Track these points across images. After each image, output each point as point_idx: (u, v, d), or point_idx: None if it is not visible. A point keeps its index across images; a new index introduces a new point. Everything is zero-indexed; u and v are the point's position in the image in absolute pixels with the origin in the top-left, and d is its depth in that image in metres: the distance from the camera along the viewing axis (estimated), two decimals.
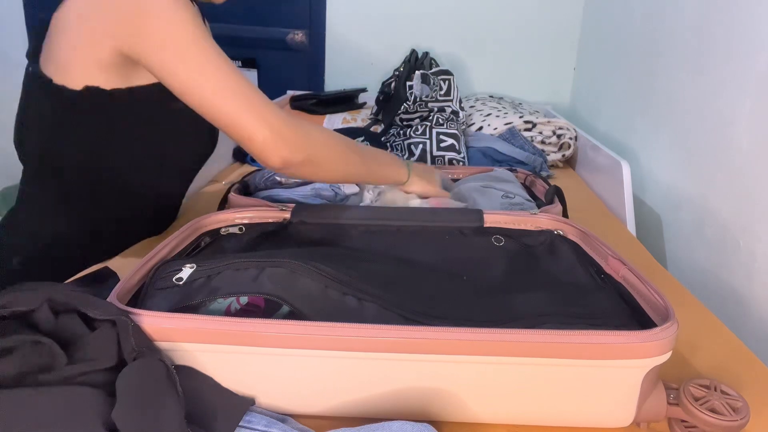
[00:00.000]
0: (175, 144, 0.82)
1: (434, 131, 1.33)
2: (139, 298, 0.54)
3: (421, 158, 1.30)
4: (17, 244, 0.82)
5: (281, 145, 0.69)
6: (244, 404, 0.48)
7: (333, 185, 0.89)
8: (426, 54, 1.76)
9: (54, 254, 0.81)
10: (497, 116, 1.54)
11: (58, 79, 0.72)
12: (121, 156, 0.78)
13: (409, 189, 0.88)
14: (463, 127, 1.47)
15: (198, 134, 0.85)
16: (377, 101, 1.63)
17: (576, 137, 1.50)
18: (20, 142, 0.80)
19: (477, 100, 1.76)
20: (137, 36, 0.67)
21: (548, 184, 0.92)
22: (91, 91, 0.72)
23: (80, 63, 0.71)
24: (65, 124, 0.75)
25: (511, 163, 1.34)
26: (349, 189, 0.90)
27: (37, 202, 0.82)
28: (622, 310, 0.56)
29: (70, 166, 0.78)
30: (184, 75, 0.67)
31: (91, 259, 0.75)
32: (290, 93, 1.90)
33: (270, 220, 0.74)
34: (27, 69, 0.77)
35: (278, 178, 0.92)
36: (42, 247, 0.81)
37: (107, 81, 0.72)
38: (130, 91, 0.74)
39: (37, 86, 0.75)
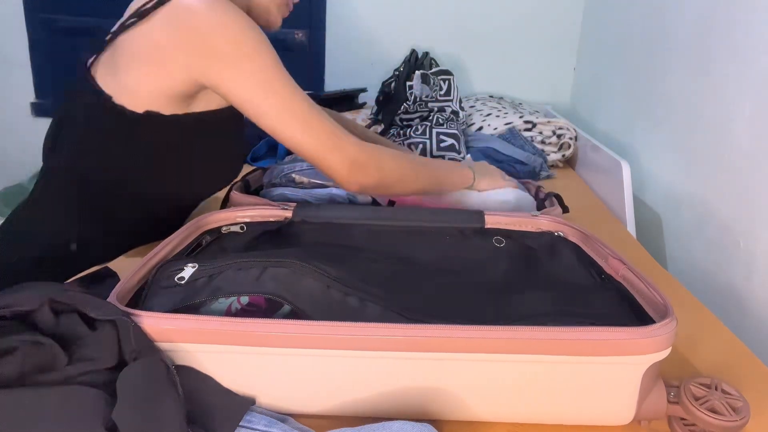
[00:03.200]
0: (206, 169, 0.84)
1: (434, 131, 1.33)
2: (141, 297, 0.54)
3: None
4: (24, 243, 0.82)
5: (358, 173, 0.76)
6: (244, 404, 0.48)
7: (349, 193, 0.90)
8: (426, 54, 1.76)
9: (61, 256, 0.81)
10: (497, 116, 1.54)
11: (119, 98, 0.73)
12: (151, 175, 0.79)
13: (479, 188, 0.91)
14: (463, 127, 1.48)
15: (229, 161, 0.87)
16: (377, 101, 1.63)
17: (576, 137, 1.50)
18: (53, 144, 0.81)
19: (477, 100, 1.76)
20: (221, 73, 0.70)
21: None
22: (150, 116, 0.73)
23: (148, 88, 0.72)
24: (111, 141, 0.76)
25: (511, 163, 1.34)
26: (364, 198, 0.90)
27: (53, 206, 0.82)
28: (622, 311, 0.56)
29: (96, 179, 0.78)
30: (272, 113, 0.72)
31: (98, 262, 0.75)
32: None
33: (271, 219, 0.74)
34: (80, 76, 0.77)
35: (294, 176, 0.92)
36: (50, 248, 0.81)
37: (169, 107, 0.73)
38: (186, 117, 0.75)
39: (90, 99, 0.75)
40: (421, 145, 1.31)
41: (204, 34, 0.68)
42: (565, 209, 0.85)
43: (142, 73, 0.72)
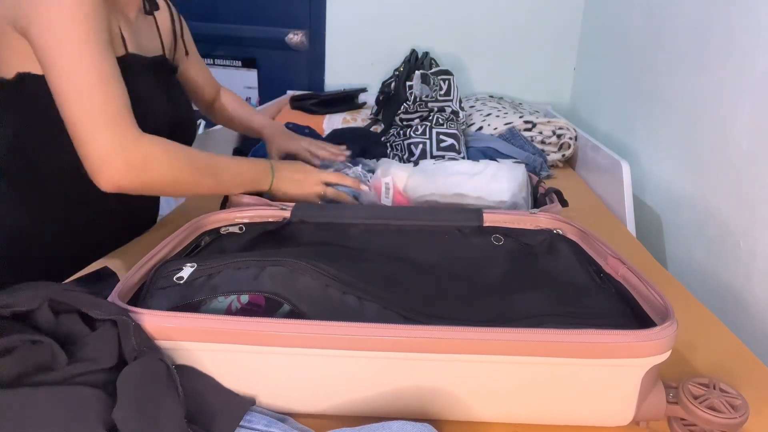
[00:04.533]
0: None
1: (434, 131, 1.33)
2: (140, 297, 0.54)
3: (421, 158, 1.30)
4: None
5: (114, 168, 0.66)
6: (244, 404, 0.48)
7: (353, 192, 0.89)
8: (426, 54, 1.76)
9: (17, 251, 0.80)
10: (497, 116, 1.54)
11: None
12: (69, 148, 0.75)
13: (279, 193, 0.85)
14: (463, 127, 1.48)
15: (151, 124, 0.76)
16: (377, 101, 1.63)
17: (576, 137, 1.50)
18: None
19: (477, 100, 1.76)
20: (26, 19, 0.65)
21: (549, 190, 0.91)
22: (24, 78, 0.70)
23: (8, 49, 0.69)
24: (6, 115, 0.74)
25: None
26: (367, 197, 0.89)
27: (6, 201, 0.81)
28: (621, 310, 0.56)
29: (20, 160, 0.76)
30: (49, 67, 0.64)
31: (63, 259, 0.75)
32: (290, 93, 1.90)
33: (270, 219, 0.74)
34: None
35: None
36: (4, 242, 0.80)
37: (36, 65, 0.69)
38: None
39: None
40: (421, 145, 1.31)
41: None
42: (565, 203, 0.85)
43: None
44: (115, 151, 0.66)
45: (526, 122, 1.49)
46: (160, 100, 0.84)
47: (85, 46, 0.65)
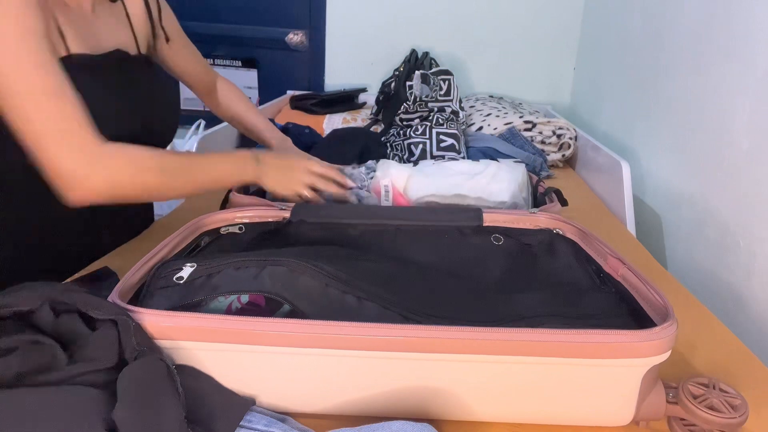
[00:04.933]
0: None
1: (434, 131, 1.33)
2: (140, 297, 0.54)
3: (421, 158, 1.30)
4: None
5: (80, 187, 0.66)
6: (244, 404, 0.48)
7: (357, 193, 0.89)
8: (426, 54, 1.76)
9: (16, 252, 0.78)
10: (497, 116, 1.54)
11: None
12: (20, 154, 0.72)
13: (268, 189, 0.84)
14: (463, 127, 1.48)
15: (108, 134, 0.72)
16: (377, 101, 1.63)
17: (576, 137, 1.50)
18: None
19: (477, 100, 1.76)
20: None
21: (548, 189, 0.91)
22: None
23: None
24: None
25: None
26: (372, 200, 0.89)
27: None
28: (620, 310, 0.56)
29: None
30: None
31: (62, 259, 0.74)
32: (290, 93, 1.90)
33: (270, 220, 0.74)
34: None
35: None
36: (3, 243, 0.79)
37: None
38: None
39: None
40: (421, 145, 1.31)
41: None
42: (564, 202, 0.85)
43: None
44: (78, 169, 0.65)
45: (526, 122, 1.49)
46: (110, 101, 0.78)
47: (28, 64, 0.63)
